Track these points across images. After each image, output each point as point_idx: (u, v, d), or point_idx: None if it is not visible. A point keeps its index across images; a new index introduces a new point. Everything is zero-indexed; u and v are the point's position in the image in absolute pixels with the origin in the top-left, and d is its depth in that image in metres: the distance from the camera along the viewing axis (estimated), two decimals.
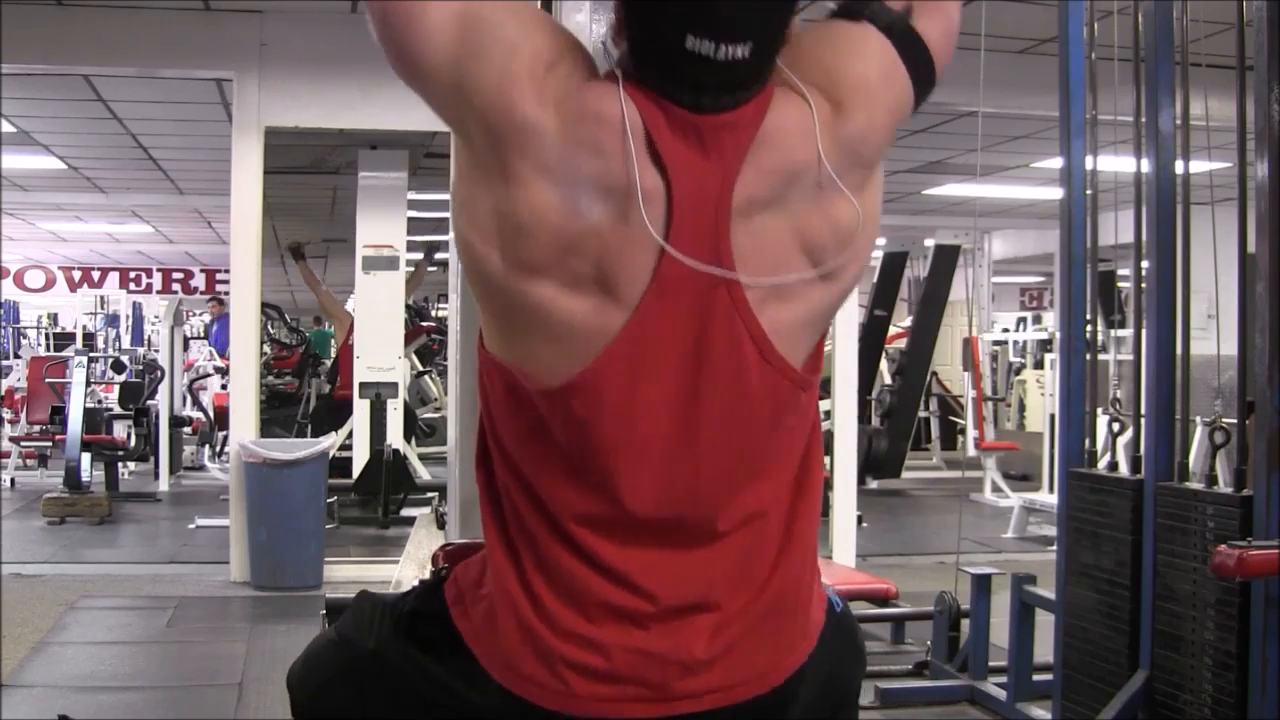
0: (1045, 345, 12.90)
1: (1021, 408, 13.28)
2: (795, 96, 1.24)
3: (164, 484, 10.04)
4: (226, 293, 13.93)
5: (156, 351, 11.68)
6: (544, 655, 1.27)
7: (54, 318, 17.42)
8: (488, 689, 1.31)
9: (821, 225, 1.23)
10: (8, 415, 11.23)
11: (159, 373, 10.67)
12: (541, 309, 1.20)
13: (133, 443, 10.07)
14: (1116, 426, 4.01)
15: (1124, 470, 3.82)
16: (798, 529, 1.33)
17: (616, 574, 1.27)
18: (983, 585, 4.50)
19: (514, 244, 1.19)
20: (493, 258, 1.21)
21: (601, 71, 1.24)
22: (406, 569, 4.10)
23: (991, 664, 4.46)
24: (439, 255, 10.11)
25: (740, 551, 1.29)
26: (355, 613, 1.50)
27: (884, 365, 11.79)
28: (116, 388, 10.70)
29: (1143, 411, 3.54)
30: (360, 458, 8.44)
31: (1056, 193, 3.96)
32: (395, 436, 8.42)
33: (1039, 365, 12.63)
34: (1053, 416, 8.30)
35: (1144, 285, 3.55)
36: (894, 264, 11.59)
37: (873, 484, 10.74)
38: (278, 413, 11.15)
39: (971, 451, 10.65)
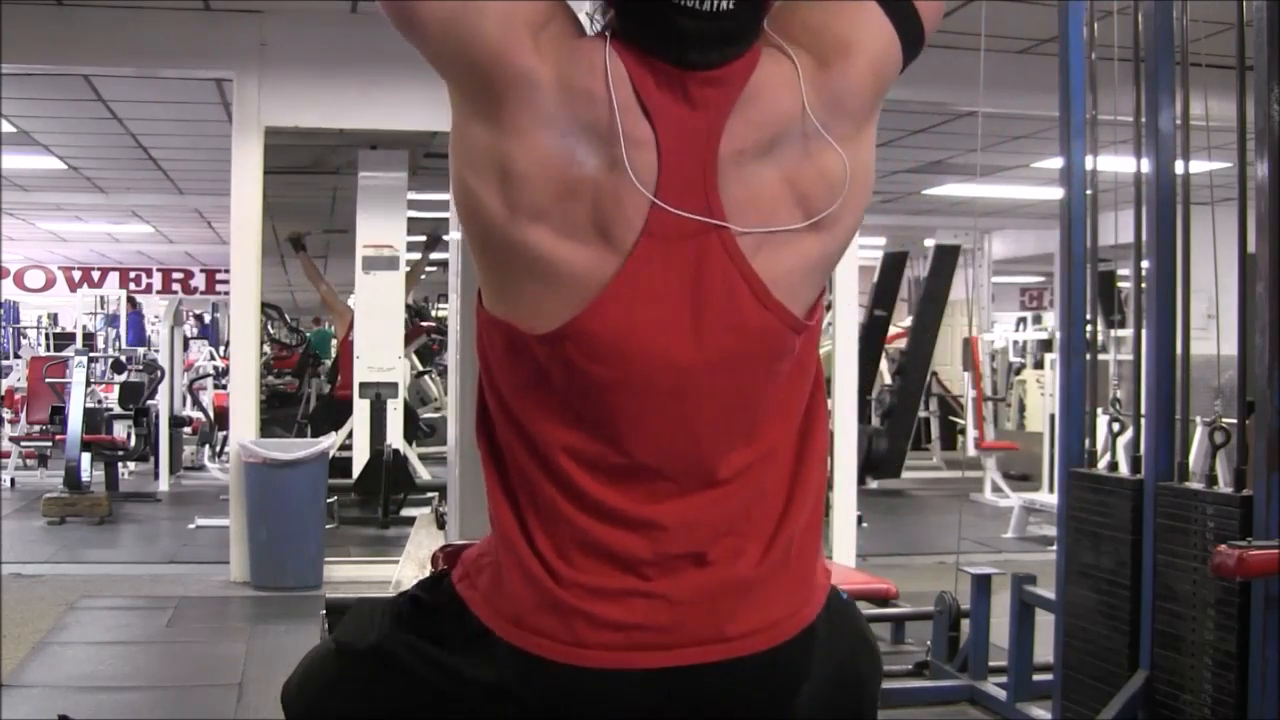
0: (1045, 345, 12.91)
1: (1021, 408, 13.28)
2: (781, 54, 1.26)
3: (164, 484, 10.05)
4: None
5: (156, 351, 11.68)
6: (552, 606, 1.27)
7: (54, 318, 17.42)
8: (496, 658, 1.30)
9: (811, 175, 1.25)
10: (8, 415, 11.23)
11: (159, 373, 10.67)
12: (539, 255, 1.22)
13: (133, 443, 10.08)
14: (1116, 426, 4.01)
15: (1124, 470, 3.82)
16: (803, 483, 1.34)
17: (620, 521, 1.27)
18: (983, 585, 4.50)
19: (514, 190, 1.21)
20: (493, 204, 1.23)
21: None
22: (406, 569, 4.10)
23: (991, 664, 4.46)
24: (435, 255, 10.11)
25: (744, 499, 1.30)
26: (353, 619, 1.50)
27: (884, 365, 11.80)
28: (116, 388, 10.70)
29: (1143, 411, 3.54)
30: (360, 458, 8.44)
31: (1056, 193, 3.96)
32: (395, 436, 8.43)
33: (1039, 365, 12.63)
34: (1053, 416, 8.30)
35: (1144, 285, 3.55)
36: (894, 264, 11.59)
37: (873, 484, 10.73)
38: (278, 413, 11.16)
39: (971, 451, 10.66)
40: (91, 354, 10.65)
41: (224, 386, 11.57)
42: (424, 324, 11.73)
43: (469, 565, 1.38)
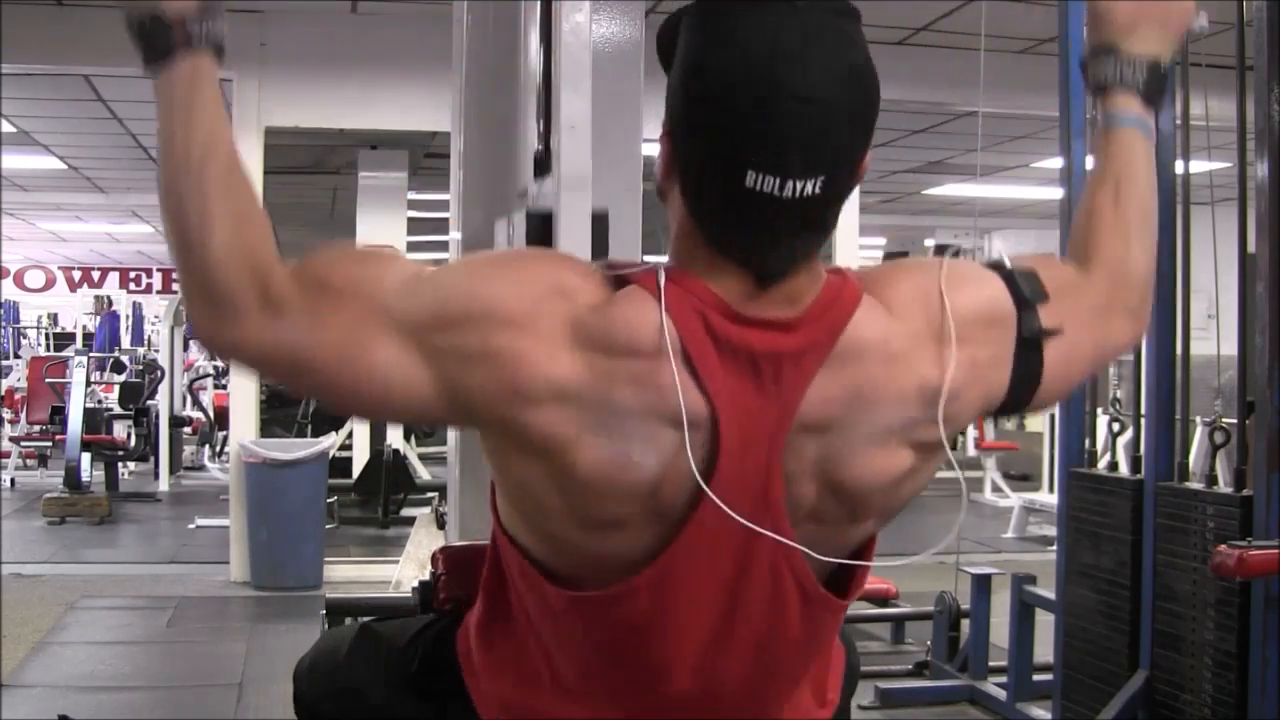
0: None
1: None
2: (880, 312, 1.11)
3: (164, 484, 10.04)
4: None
5: (156, 351, 11.68)
6: None
7: (54, 318, 17.43)
8: None
9: (864, 467, 1.12)
10: (8, 415, 11.23)
11: (159, 373, 10.67)
12: (571, 540, 1.12)
13: (133, 443, 10.07)
14: (1116, 426, 4.01)
15: (1124, 470, 3.82)
16: (821, 691, 1.32)
17: None
18: (983, 585, 4.50)
19: (579, 507, 1.08)
20: (553, 523, 1.11)
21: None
22: (406, 569, 4.10)
23: (991, 664, 4.45)
24: (436, 255, 10.11)
25: None
26: (362, 653, 1.46)
27: None
28: (116, 388, 10.69)
29: (1143, 411, 3.54)
30: (360, 458, 8.44)
31: (1056, 193, 3.96)
32: (395, 436, 8.42)
33: None
34: (1053, 416, 8.30)
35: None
36: None
37: None
38: (278, 413, 11.14)
39: (971, 451, 10.65)
40: (91, 354, 10.64)
41: (224, 386, 11.56)
42: None
43: (474, 642, 1.32)
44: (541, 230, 2.01)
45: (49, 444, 10.15)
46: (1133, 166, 1.28)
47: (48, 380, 10.38)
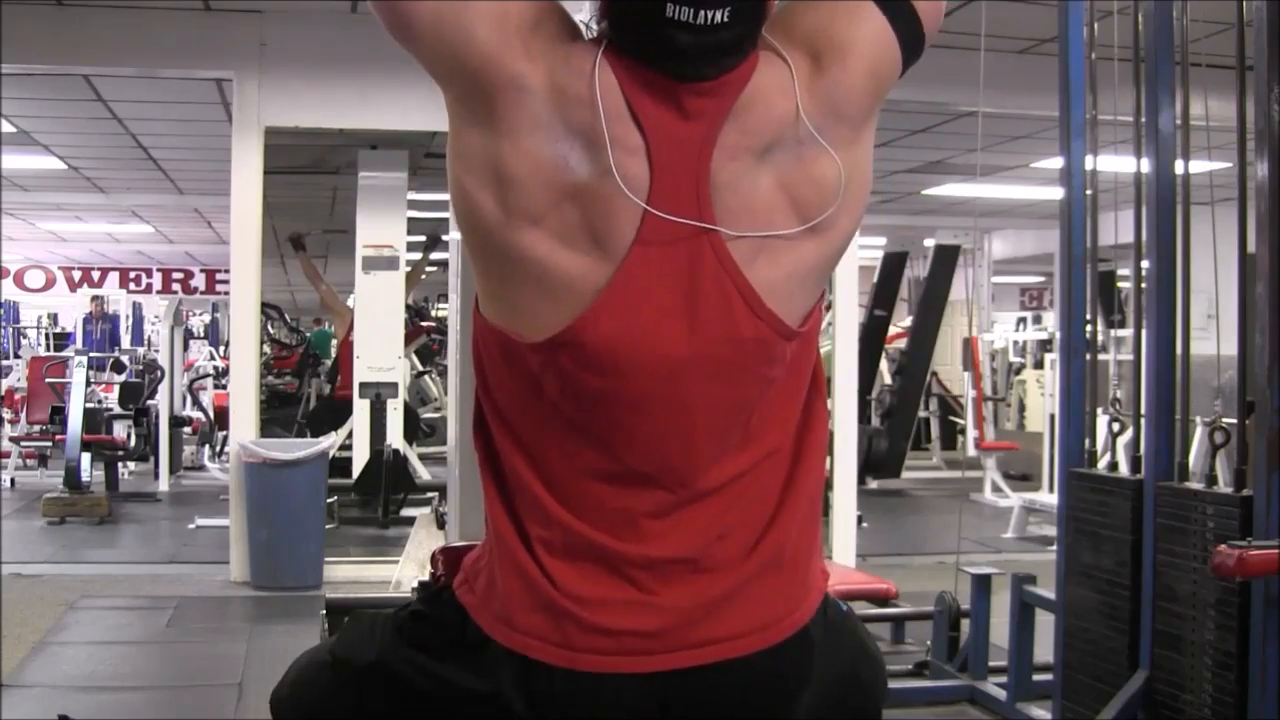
0: (1045, 345, 12.91)
1: (1021, 408, 13.28)
2: (776, 58, 1.26)
3: (164, 484, 10.05)
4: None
5: (156, 351, 11.68)
6: (545, 607, 1.27)
7: (54, 318, 17.42)
8: (493, 665, 1.29)
9: (806, 181, 1.25)
10: (8, 415, 11.23)
11: (159, 373, 10.67)
12: (535, 260, 1.22)
13: (133, 443, 10.07)
14: (1116, 426, 4.01)
15: (1124, 470, 3.82)
16: (797, 486, 1.33)
17: (613, 528, 1.27)
18: (983, 585, 4.50)
19: (508, 193, 1.21)
20: (489, 207, 1.23)
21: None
22: (406, 569, 4.10)
23: (991, 664, 4.46)
24: (435, 255, 10.11)
25: (737, 504, 1.30)
26: (351, 633, 1.47)
27: (884, 365, 11.80)
28: (116, 388, 10.70)
29: (1143, 411, 3.54)
30: (360, 458, 8.44)
31: (1056, 193, 3.96)
32: (395, 436, 8.42)
33: (1039, 365, 12.63)
34: (1053, 416, 8.30)
35: (1144, 285, 3.55)
36: (894, 264, 11.59)
37: (873, 484, 10.73)
38: (278, 413, 11.15)
39: (971, 451, 10.65)
40: (91, 354, 10.64)
41: (224, 386, 11.56)
42: (424, 324, 11.73)
43: (468, 570, 1.38)
44: None
45: (49, 444, 10.16)
46: None
47: (48, 380, 10.39)
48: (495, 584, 1.31)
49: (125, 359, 11.29)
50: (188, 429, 11.27)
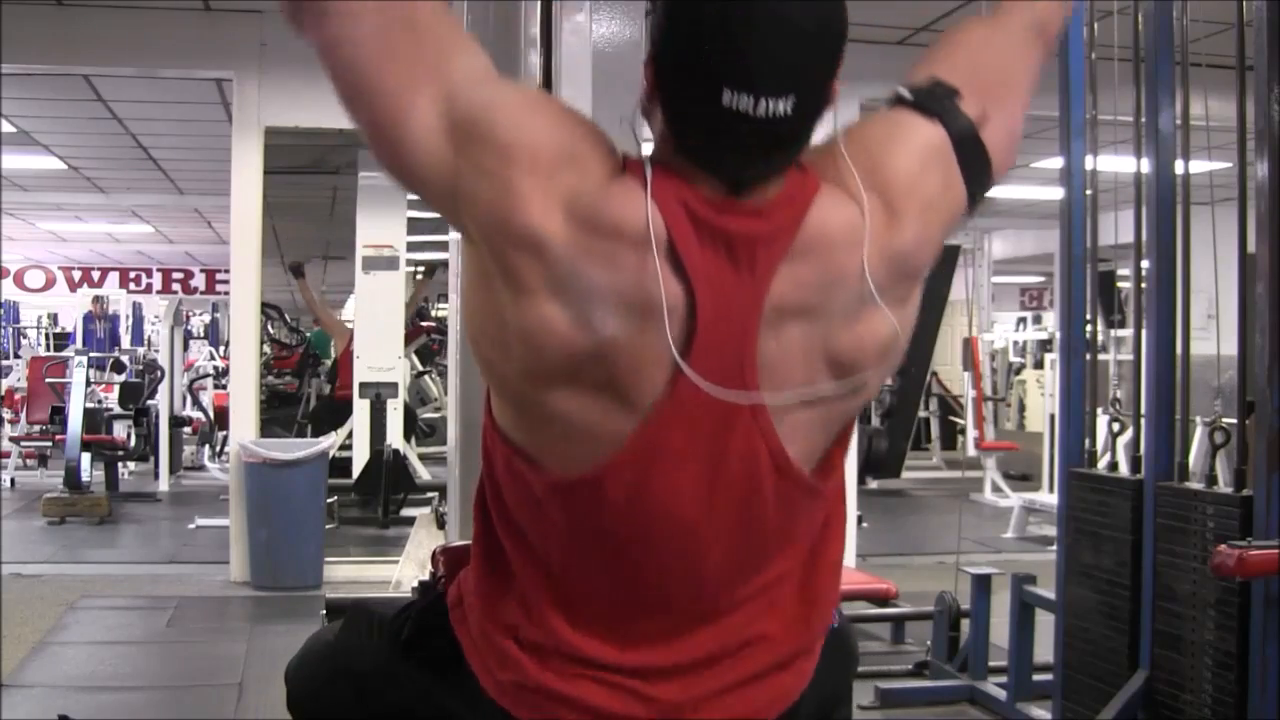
0: (1045, 345, 12.91)
1: (1021, 408, 13.28)
2: (844, 197, 1.17)
3: (164, 484, 10.05)
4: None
5: (156, 351, 11.68)
6: (534, 689, 1.26)
7: (54, 318, 17.42)
8: (482, 700, 1.30)
9: (854, 340, 1.18)
10: (8, 415, 11.23)
11: (159, 373, 10.67)
12: (555, 413, 1.16)
13: (133, 443, 10.07)
14: (1116, 426, 4.01)
15: (1124, 470, 3.82)
16: (810, 594, 1.31)
17: (609, 639, 1.25)
18: (983, 585, 4.50)
19: (523, 354, 1.14)
20: (504, 364, 1.17)
21: (625, 143, 1.19)
22: (406, 569, 4.10)
23: (991, 664, 4.45)
24: (436, 256, 10.10)
25: (743, 625, 1.27)
26: (355, 624, 1.49)
27: None
28: (116, 388, 10.70)
29: (1143, 411, 3.54)
30: (360, 458, 8.44)
31: (1056, 193, 3.95)
32: (395, 436, 8.42)
33: (1039, 365, 12.63)
34: (1053, 416, 8.30)
35: (1144, 285, 3.55)
36: None
37: (873, 484, 10.73)
38: (278, 413, 11.15)
39: (971, 451, 10.65)
40: (91, 354, 10.64)
41: (224, 386, 11.56)
42: (424, 324, 11.72)
43: (464, 593, 1.35)
44: None
45: (49, 444, 10.16)
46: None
47: (48, 380, 10.39)
48: (487, 636, 1.30)
49: (125, 359, 11.29)
50: (188, 429, 11.27)
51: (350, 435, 8.64)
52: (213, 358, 14.28)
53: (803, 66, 1.10)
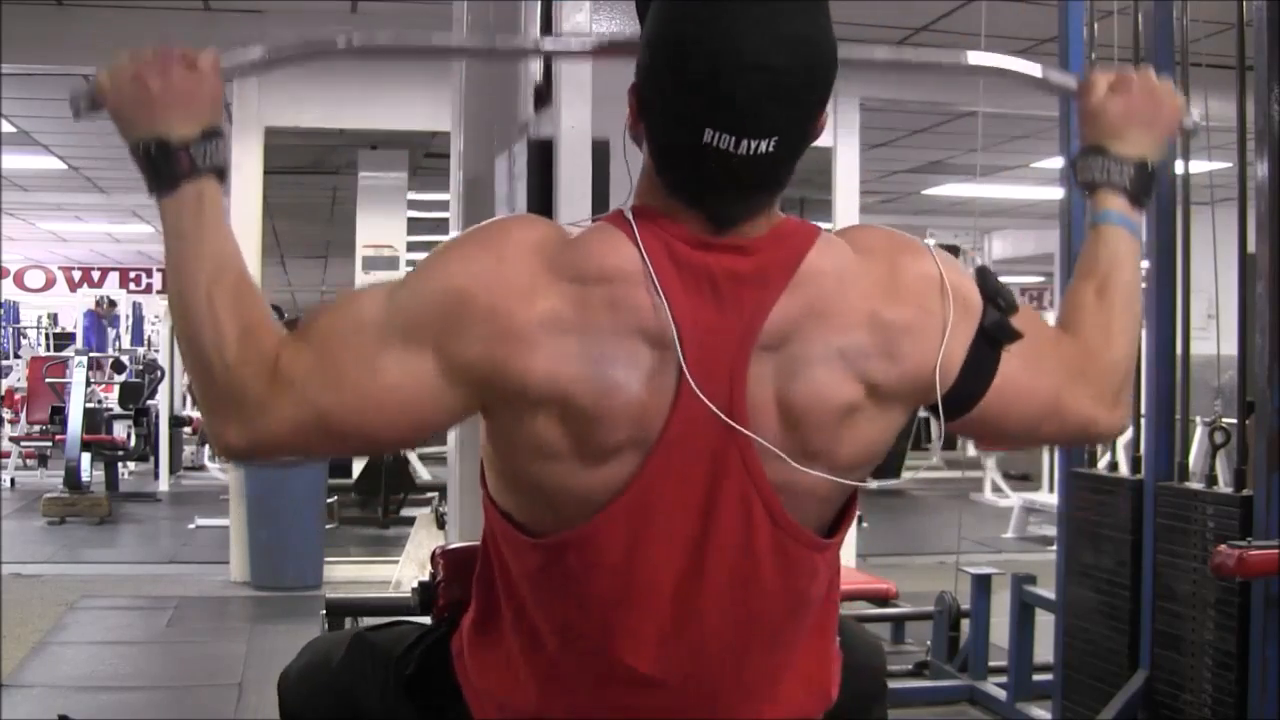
0: None
1: None
2: (843, 246, 1.18)
3: (164, 484, 10.04)
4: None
5: (156, 351, 11.68)
6: None
7: (54, 318, 17.42)
8: None
9: (811, 390, 1.15)
10: (8, 415, 11.22)
11: (159, 373, 10.67)
12: (555, 484, 1.16)
13: (133, 443, 10.06)
14: None
15: (1124, 470, 3.82)
16: (809, 671, 1.30)
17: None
18: (983, 585, 4.50)
19: (587, 440, 1.12)
20: (565, 465, 1.15)
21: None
22: (406, 569, 4.10)
23: (991, 664, 4.45)
24: None
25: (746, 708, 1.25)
26: (356, 657, 1.46)
27: None
28: (116, 388, 10.70)
29: (1143, 411, 3.54)
30: (360, 458, 8.43)
31: (1056, 193, 3.96)
32: None
33: None
34: None
35: (1144, 285, 3.55)
36: None
37: (872, 484, 10.69)
38: None
39: (971, 451, 10.64)
40: (91, 354, 10.64)
41: None
42: None
43: (466, 639, 1.33)
44: (542, 160, 2.02)
45: (49, 444, 10.16)
46: (1118, 262, 1.32)
47: (48, 380, 10.39)
48: (481, 697, 1.29)
49: (125, 359, 11.29)
50: (188, 429, 11.26)
51: None
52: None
53: (788, 112, 1.10)
